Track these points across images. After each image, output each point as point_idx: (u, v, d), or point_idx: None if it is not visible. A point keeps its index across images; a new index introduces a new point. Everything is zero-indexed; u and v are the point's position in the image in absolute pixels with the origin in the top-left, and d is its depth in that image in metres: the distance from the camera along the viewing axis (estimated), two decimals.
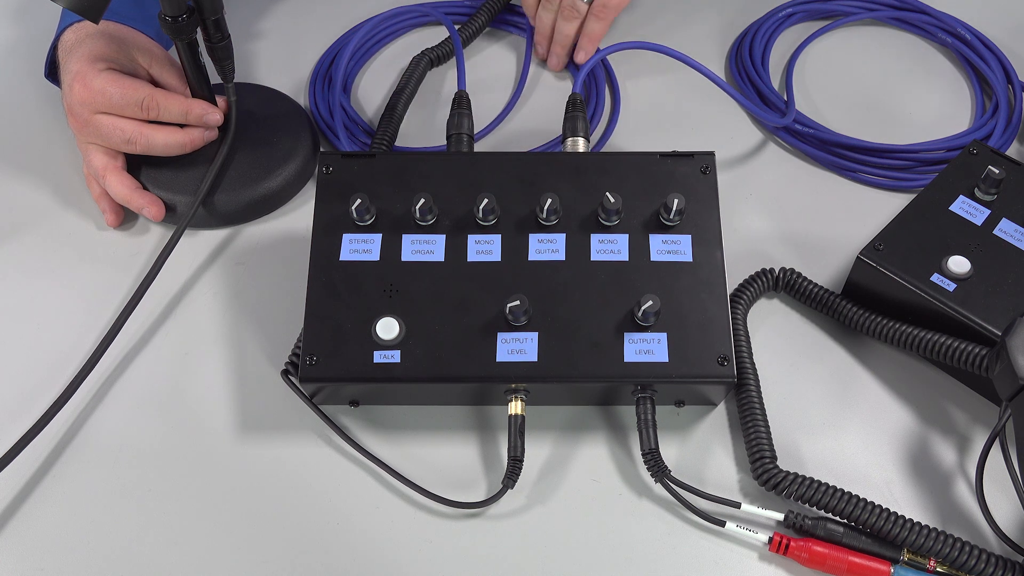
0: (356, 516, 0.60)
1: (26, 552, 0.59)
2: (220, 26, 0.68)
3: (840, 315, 0.67)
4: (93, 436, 0.64)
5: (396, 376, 0.59)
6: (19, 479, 0.61)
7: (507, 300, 0.59)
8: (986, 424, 0.64)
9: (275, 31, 0.90)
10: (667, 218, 0.63)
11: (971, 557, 0.55)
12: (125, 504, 0.61)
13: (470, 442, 0.63)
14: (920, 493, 0.61)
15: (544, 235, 0.63)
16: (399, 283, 0.62)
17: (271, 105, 0.80)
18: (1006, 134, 0.80)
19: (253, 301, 0.70)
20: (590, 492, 0.61)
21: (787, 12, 0.89)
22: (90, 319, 0.69)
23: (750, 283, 0.69)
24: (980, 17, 0.89)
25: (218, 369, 0.67)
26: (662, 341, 0.60)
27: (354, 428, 0.64)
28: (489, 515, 0.60)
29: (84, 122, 0.70)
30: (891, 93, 0.85)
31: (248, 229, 0.75)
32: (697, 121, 0.83)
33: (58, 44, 0.74)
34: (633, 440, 0.63)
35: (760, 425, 0.61)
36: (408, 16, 0.89)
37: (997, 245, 0.65)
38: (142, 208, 0.71)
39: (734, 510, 0.60)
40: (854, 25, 0.90)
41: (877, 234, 0.66)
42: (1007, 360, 0.56)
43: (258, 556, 0.59)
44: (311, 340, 0.60)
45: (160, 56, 0.73)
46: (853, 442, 0.63)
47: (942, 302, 0.62)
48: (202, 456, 0.63)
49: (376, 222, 0.64)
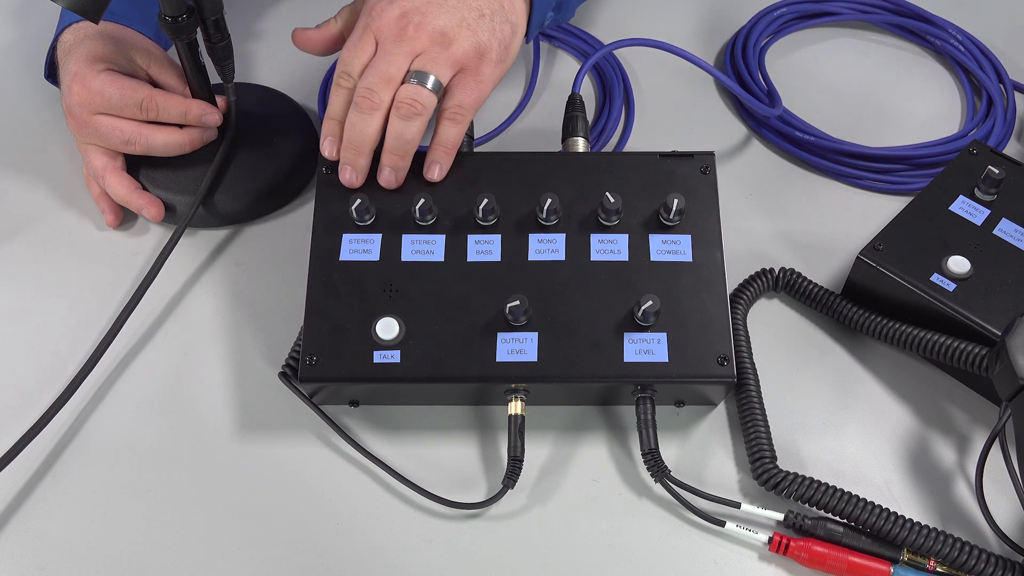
0: (356, 516, 0.60)
1: (26, 552, 0.59)
2: (220, 26, 0.68)
3: (840, 315, 0.67)
4: (93, 436, 0.64)
5: (396, 376, 0.59)
6: (19, 479, 0.61)
7: (507, 300, 0.59)
8: (986, 424, 0.64)
9: (275, 31, 0.90)
10: (667, 218, 0.63)
11: (971, 557, 0.55)
12: (125, 504, 0.61)
13: (470, 442, 0.63)
14: (920, 493, 0.61)
15: (544, 235, 0.63)
16: (399, 283, 0.62)
17: (271, 105, 0.80)
18: (1001, 133, 0.80)
19: (253, 301, 0.70)
20: (590, 492, 0.61)
21: (780, 12, 0.89)
22: (90, 319, 0.69)
23: (750, 283, 0.69)
24: (972, 21, 0.89)
25: (218, 369, 0.67)
26: (662, 341, 0.60)
27: (354, 428, 0.64)
28: (489, 515, 0.60)
29: (83, 123, 0.70)
30: (882, 94, 0.85)
31: (248, 229, 0.75)
32: (697, 121, 0.83)
33: (57, 45, 0.74)
34: (633, 440, 0.63)
35: (760, 425, 0.61)
36: None
37: (997, 245, 0.65)
38: (141, 208, 0.71)
39: (734, 510, 0.60)
40: (844, 27, 0.91)
41: (877, 234, 0.66)
42: (1007, 360, 0.56)
43: (258, 556, 0.59)
44: (311, 340, 0.60)
45: (159, 56, 0.73)
46: (853, 442, 0.63)
47: (942, 302, 0.62)
48: (202, 456, 0.63)
49: (376, 222, 0.64)
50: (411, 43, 0.61)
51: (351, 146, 0.63)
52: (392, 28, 0.62)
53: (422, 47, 0.62)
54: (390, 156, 0.63)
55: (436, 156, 0.64)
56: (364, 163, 0.63)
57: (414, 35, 0.61)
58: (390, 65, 0.61)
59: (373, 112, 0.61)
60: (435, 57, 0.62)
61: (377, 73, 0.61)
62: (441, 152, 0.64)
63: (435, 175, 0.64)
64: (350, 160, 0.63)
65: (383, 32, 0.62)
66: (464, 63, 0.62)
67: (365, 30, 0.63)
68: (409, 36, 0.61)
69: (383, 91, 0.61)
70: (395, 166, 0.63)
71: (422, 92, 0.61)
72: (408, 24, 0.62)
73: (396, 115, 0.61)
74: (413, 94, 0.61)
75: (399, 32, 0.62)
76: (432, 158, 0.64)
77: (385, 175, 0.63)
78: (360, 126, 0.62)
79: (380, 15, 0.63)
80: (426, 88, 0.61)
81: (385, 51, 0.62)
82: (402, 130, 0.61)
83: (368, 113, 0.61)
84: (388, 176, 0.63)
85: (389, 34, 0.62)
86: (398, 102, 0.61)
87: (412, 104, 0.61)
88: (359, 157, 0.63)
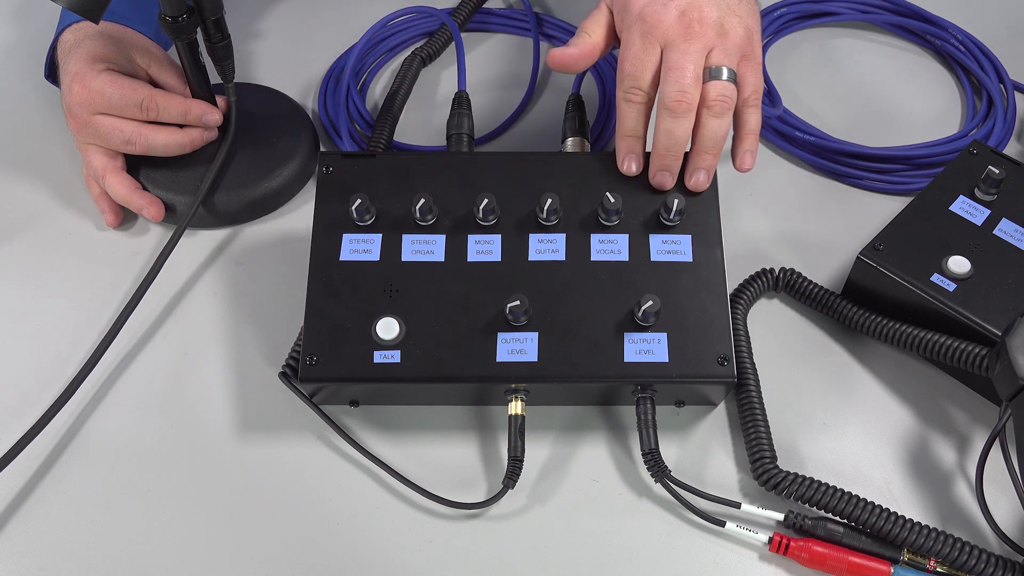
0: (356, 516, 0.60)
1: (26, 552, 0.59)
2: (220, 26, 0.68)
3: (840, 315, 0.67)
4: (93, 436, 0.64)
5: (396, 376, 0.59)
6: (19, 479, 0.61)
7: (507, 300, 0.59)
8: (986, 424, 0.64)
9: (275, 31, 0.90)
10: (667, 218, 0.63)
11: (971, 557, 0.55)
12: (125, 504, 0.61)
13: (470, 442, 0.63)
14: (920, 493, 0.61)
15: (544, 235, 0.63)
16: (399, 283, 0.62)
17: (271, 105, 0.80)
18: (1001, 133, 0.80)
19: (253, 301, 0.70)
20: (590, 492, 0.61)
21: (780, 12, 0.89)
22: (90, 319, 0.69)
23: (750, 283, 0.69)
24: (972, 21, 0.89)
25: (218, 369, 0.67)
26: (662, 341, 0.60)
27: (354, 428, 0.64)
28: (489, 515, 0.60)
29: (83, 123, 0.70)
30: (882, 94, 0.85)
31: (248, 229, 0.75)
32: None
33: (57, 45, 0.74)
34: (633, 440, 0.63)
35: (760, 425, 0.61)
36: (419, 16, 0.88)
37: (997, 245, 0.65)
38: (142, 208, 0.71)
39: (734, 510, 0.60)
40: (844, 27, 0.90)
41: (877, 234, 0.66)
42: (1007, 360, 0.56)
43: (258, 556, 0.58)
44: (311, 340, 0.60)
45: (159, 56, 0.73)
46: (853, 442, 0.63)
47: (942, 302, 0.62)
48: (202, 456, 0.63)
49: (376, 222, 0.64)
50: (700, 39, 0.62)
51: (669, 153, 0.62)
52: (678, 28, 0.62)
53: (711, 41, 0.62)
54: (704, 157, 0.62)
55: (749, 145, 0.64)
56: (679, 166, 0.64)
57: (700, 31, 0.62)
58: (694, 64, 0.61)
59: (689, 114, 0.61)
60: (724, 49, 0.62)
61: (685, 75, 0.61)
62: (752, 140, 0.64)
63: (748, 164, 0.64)
64: (669, 166, 0.63)
65: (669, 34, 0.62)
66: (743, 49, 0.63)
67: (646, 37, 0.62)
68: (696, 33, 0.61)
69: (695, 92, 0.61)
70: (709, 166, 0.63)
71: (729, 87, 0.61)
72: (692, 21, 0.62)
73: (709, 114, 0.61)
74: (723, 90, 0.61)
75: (686, 31, 0.62)
76: (746, 147, 0.64)
77: (700, 178, 0.63)
78: (677, 131, 0.61)
79: (659, 19, 0.62)
80: (731, 83, 0.62)
81: (681, 51, 0.61)
82: (716, 127, 0.62)
83: (685, 116, 0.61)
84: (702, 178, 0.63)
85: (677, 35, 0.62)
86: (711, 101, 0.61)
87: (724, 100, 0.61)
88: (677, 161, 0.63)
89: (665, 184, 0.63)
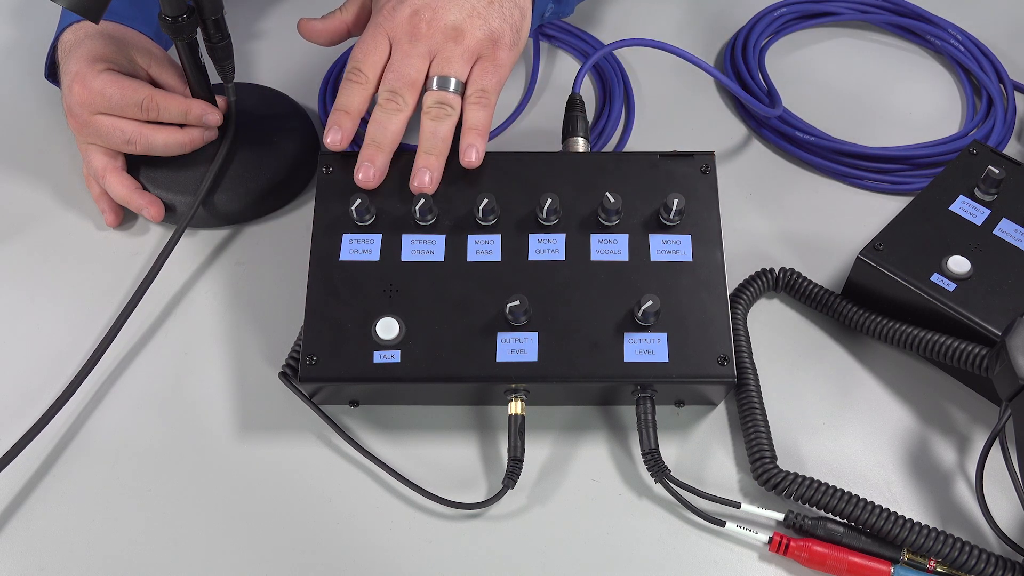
0: (356, 516, 0.60)
1: (26, 552, 0.59)
2: (220, 26, 0.68)
3: (840, 315, 0.67)
4: (93, 436, 0.64)
5: (396, 376, 0.59)
6: (19, 479, 0.61)
7: (507, 300, 0.59)
8: (986, 424, 0.64)
9: (275, 31, 0.90)
10: (667, 218, 0.63)
11: (971, 557, 0.55)
12: (125, 504, 0.61)
13: (470, 442, 0.63)
14: (920, 493, 0.61)
15: (544, 235, 0.63)
16: (399, 283, 0.62)
17: (271, 105, 0.80)
18: (1001, 133, 0.80)
19: (253, 301, 0.70)
20: (590, 492, 0.61)
21: (779, 12, 0.89)
22: (90, 319, 0.69)
23: (750, 283, 0.69)
24: (972, 21, 0.89)
25: (218, 369, 0.67)
26: (662, 341, 0.60)
27: (354, 428, 0.64)
28: (489, 515, 0.60)
29: (84, 123, 0.70)
30: (882, 94, 0.85)
31: (248, 229, 0.75)
32: (697, 121, 0.83)
33: (57, 44, 0.74)
34: (633, 440, 0.63)
35: (760, 425, 0.61)
36: None
37: (997, 245, 0.65)
38: (142, 208, 0.71)
39: (734, 510, 0.60)
40: (844, 27, 0.90)
41: (877, 234, 0.66)
42: (1007, 360, 0.56)
43: (258, 556, 0.58)
44: (311, 340, 0.60)
45: (159, 56, 0.73)
46: (853, 442, 0.63)
47: (942, 302, 0.62)
48: (202, 456, 0.63)
49: (376, 222, 0.64)
50: (426, 42, 0.63)
51: (373, 142, 0.63)
52: (406, 27, 0.63)
53: (437, 45, 0.63)
54: (426, 158, 0.63)
55: (470, 140, 0.64)
56: (383, 161, 0.63)
57: (428, 33, 0.62)
58: (411, 68, 0.62)
59: (398, 113, 0.63)
60: (451, 55, 0.63)
61: (399, 76, 0.62)
62: (474, 135, 0.64)
63: (473, 158, 0.63)
64: (370, 156, 0.63)
65: (397, 31, 0.63)
66: (480, 52, 0.64)
67: (377, 29, 0.64)
68: (423, 34, 0.62)
69: (407, 94, 0.62)
70: (431, 167, 0.63)
71: (447, 96, 0.63)
72: (421, 22, 0.63)
73: (427, 118, 0.63)
74: (439, 99, 0.63)
75: (413, 31, 0.63)
76: (467, 142, 0.64)
77: (422, 178, 0.63)
78: (385, 123, 0.62)
79: (392, 15, 0.63)
80: (449, 91, 0.63)
81: (403, 52, 0.63)
82: (435, 128, 0.63)
83: (395, 113, 0.63)
84: (424, 179, 0.63)
85: (403, 33, 0.63)
86: (427, 108, 0.63)
87: (441, 107, 0.63)
88: (380, 153, 0.63)
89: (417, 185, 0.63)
